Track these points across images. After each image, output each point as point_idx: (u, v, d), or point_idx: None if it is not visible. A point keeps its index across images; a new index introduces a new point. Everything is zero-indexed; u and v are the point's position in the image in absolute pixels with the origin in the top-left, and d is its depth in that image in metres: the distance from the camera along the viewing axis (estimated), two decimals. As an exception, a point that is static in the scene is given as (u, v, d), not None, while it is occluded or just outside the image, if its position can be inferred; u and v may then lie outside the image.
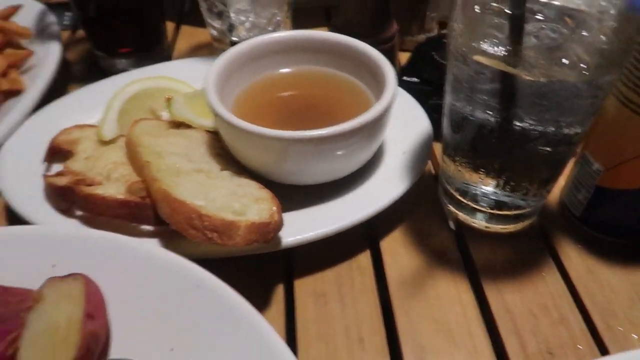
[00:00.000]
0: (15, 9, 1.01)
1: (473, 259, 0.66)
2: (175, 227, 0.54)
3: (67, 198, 0.64)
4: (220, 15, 0.90)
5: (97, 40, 0.99)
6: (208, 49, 1.06)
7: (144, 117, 0.77)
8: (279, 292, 0.63)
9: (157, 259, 0.53)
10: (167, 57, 1.04)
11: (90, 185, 0.65)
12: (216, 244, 0.52)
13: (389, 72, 0.68)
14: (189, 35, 1.13)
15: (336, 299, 0.62)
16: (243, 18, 0.89)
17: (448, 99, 0.61)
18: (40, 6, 1.03)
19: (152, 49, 1.01)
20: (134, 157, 0.69)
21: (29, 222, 0.64)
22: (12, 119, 0.78)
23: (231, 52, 0.73)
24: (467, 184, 0.65)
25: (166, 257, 0.53)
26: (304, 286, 0.63)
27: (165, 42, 1.04)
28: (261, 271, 0.64)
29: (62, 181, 0.66)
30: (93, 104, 0.83)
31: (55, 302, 0.51)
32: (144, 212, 0.60)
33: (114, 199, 0.61)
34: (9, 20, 0.95)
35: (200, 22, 1.14)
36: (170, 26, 1.14)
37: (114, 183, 0.66)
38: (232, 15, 0.89)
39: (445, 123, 0.64)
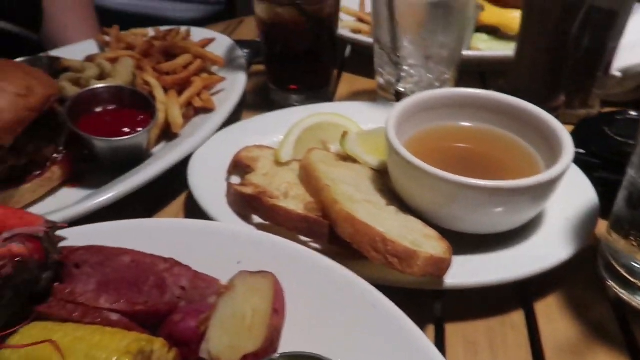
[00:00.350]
0: (210, 41, 1.17)
1: (636, 339, 0.63)
2: (357, 247, 0.59)
3: (251, 205, 0.72)
4: (392, 66, 0.97)
5: (274, 75, 1.11)
6: (367, 95, 1.14)
7: (315, 147, 0.85)
8: (430, 332, 0.64)
9: (335, 273, 0.58)
10: (330, 98, 1.13)
11: (271, 198, 0.73)
12: (394, 269, 0.56)
13: (567, 140, 0.69)
14: (348, 81, 1.23)
15: (488, 351, 0.62)
16: (414, 72, 0.96)
17: (631, 173, 0.61)
18: (229, 41, 1.19)
19: (319, 89, 1.11)
20: (309, 180, 0.76)
21: (211, 219, 0.73)
22: (204, 132, 0.89)
23: (412, 100, 0.79)
24: (638, 263, 0.64)
25: (345, 274, 0.57)
26: (454, 331, 0.64)
27: (332, 84, 1.13)
28: (414, 309, 0.66)
29: (248, 190, 0.74)
30: (268, 129, 0.93)
31: (244, 293, 0.57)
32: (320, 229, 0.66)
33: (296, 214, 0.67)
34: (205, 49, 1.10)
35: (359, 71, 1.24)
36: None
37: (292, 200, 0.73)
38: (404, 67, 0.95)
39: (622, 197, 0.64)
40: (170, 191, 0.87)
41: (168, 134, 0.95)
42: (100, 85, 0.89)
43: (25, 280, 0.51)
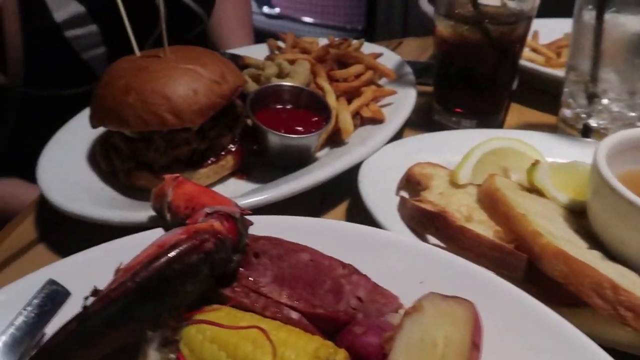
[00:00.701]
0: (378, 55, 1.15)
1: None
2: (573, 289, 0.51)
3: (431, 223, 0.67)
4: (586, 98, 0.87)
5: (443, 96, 1.05)
6: (541, 128, 1.04)
7: (496, 173, 0.78)
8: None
9: (543, 317, 0.50)
10: (500, 126, 1.05)
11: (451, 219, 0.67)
12: (623, 324, 0.47)
13: None
14: (517, 112, 1.14)
15: None
16: (613, 107, 0.85)
17: None
18: (397, 57, 1.16)
19: (489, 116, 1.03)
20: (496, 207, 0.69)
21: (380, 228, 0.68)
22: (374, 143, 0.86)
23: (622, 136, 0.69)
24: None
25: (557, 320, 0.49)
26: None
27: (503, 112, 1.05)
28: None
29: (429, 207, 0.69)
30: (439, 148, 0.87)
31: (434, 317, 0.51)
32: (516, 262, 0.58)
33: (487, 240, 0.60)
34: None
35: (528, 102, 1.15)
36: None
37: (478, 224, 0.66)
38: (602, 101, 0.85)
39: None
40: (333, 194, 0.85)
41: (333, 140, 0.93)
42: (284, 82, 0.90)
43: (221, 259, 0.50)
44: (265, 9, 4.02)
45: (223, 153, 0.84)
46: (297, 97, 0.90)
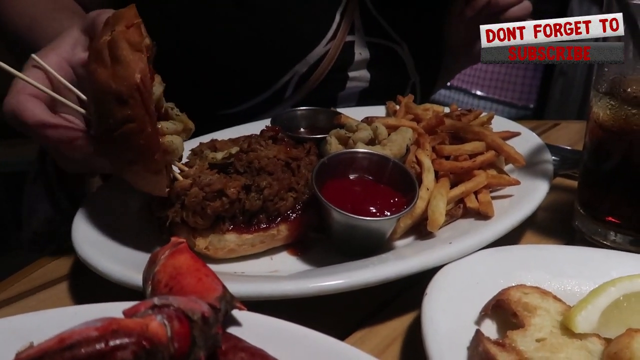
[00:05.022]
0: (513, 135, 0.93)
1: None
2: None
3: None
4: None
5: (590, 198, 0.79)
6: None
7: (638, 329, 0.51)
8: None
9: None
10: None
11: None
12: None
13: None
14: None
15: None
16: None
17: None
18: (538, 141, 0.92)
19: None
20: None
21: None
22: (466, 245, 0.65)
23: None
24: None
25: None
26: None
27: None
28: None
29: (505, 358, 0.46)
30: (563, 269, 0.63)
31: None
32: None
33: None
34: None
35: None
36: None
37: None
38: None
39: None
40: (399, 298, 0.65)
41: (419, 229, 0.73)
42: (363, 150, 0.74)
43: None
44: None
45: (278, 220, 0.71)
46: (382, 169, 0.73)
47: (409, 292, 0.65)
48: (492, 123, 0.97)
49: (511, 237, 0.71)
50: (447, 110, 1.01)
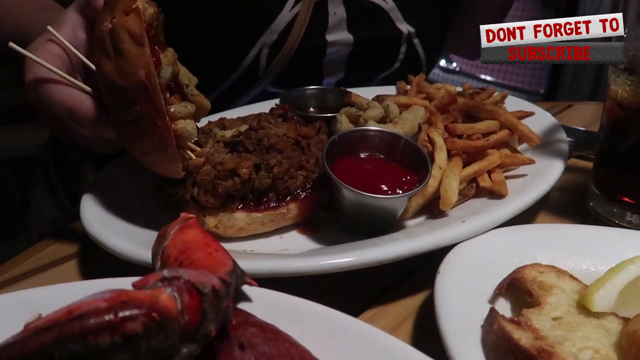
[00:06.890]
0: (527, 114, 0.91)
1: None
2: None
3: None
4: None
5: (605, 179, 0.77)
6: None
7: (658, 308, 0.49)
8: None
9: None
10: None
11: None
12: None
13: None
14: None
15: None
16: None
17: None
18: (553, 121, 0.90)
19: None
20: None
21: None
22: (480, 223, 0.63)
23: None
24: None
25: None
26: None
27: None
28: None
29: (524, 340, 0.45)
30: (578, 248, 0.61)
31: None
32: None
33: None
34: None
35: None
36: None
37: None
38: None
39: None
40: (411, 275, 0.64)
41: (431, 209, 0.72)
42: (374, 127, 0.73)
43: (154, 349, 0.34)
44: (442, 62, 3.87)
45: (288, 199, 0.70)
46: (394, 147, 0.72)
47: (420, 271, 0.65)
48: (505, 103, 0.95)
49: (524, 217, 0.70)
50: (459, 89, 0.99)
